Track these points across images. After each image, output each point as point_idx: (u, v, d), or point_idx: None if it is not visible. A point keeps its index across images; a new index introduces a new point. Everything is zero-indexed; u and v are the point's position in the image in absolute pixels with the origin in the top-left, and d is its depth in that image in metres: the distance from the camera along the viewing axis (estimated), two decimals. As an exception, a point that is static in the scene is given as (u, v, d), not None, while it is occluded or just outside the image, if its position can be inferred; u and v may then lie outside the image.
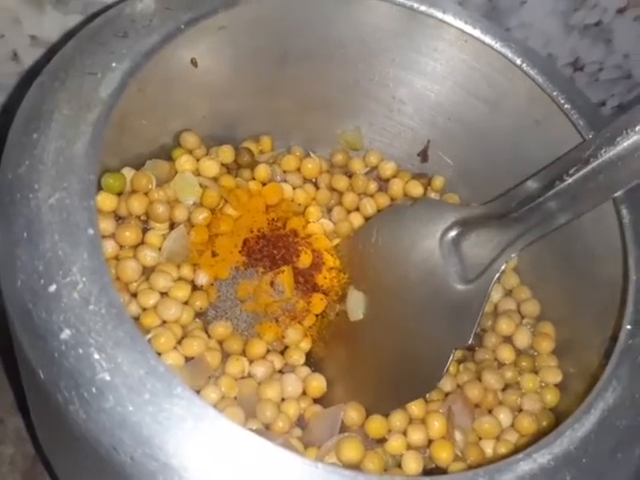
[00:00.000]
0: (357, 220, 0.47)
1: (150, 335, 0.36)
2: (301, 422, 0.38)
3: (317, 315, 0.43)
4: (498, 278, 0.36)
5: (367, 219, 0.47)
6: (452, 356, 0.36)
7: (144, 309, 0.38)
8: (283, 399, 0.39)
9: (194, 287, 0.40)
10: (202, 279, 0.41)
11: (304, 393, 0.39)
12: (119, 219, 0.40)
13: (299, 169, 0.47)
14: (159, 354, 0.36)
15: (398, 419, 0.38)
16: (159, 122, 0.41)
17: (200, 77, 0.40)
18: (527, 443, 0.38)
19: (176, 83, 0.39)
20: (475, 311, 0.36)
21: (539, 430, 0.39)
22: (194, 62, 0.39)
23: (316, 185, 0.48)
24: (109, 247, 0.38)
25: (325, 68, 0.44)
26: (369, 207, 0.47)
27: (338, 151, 0.49)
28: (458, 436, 0.38)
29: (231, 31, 0.38)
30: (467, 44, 0.41)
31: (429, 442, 0.38)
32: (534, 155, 0.40)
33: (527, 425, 0.38)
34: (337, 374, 0.41)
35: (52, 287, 0.26)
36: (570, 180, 0.33)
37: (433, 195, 0.48)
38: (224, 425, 0.25)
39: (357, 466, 0.35)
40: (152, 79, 0.36)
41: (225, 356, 0.39)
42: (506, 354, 0.42)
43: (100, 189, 0.38)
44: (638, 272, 0.34)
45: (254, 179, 0.45)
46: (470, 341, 0.36)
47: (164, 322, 0.38)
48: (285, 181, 0.46)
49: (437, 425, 0.38)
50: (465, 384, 0.40)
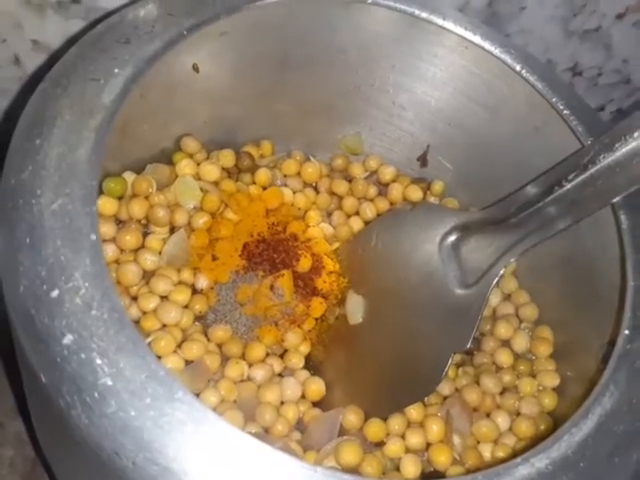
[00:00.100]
0: (357, 224, 0.47)
1: (150, 339, 0.37)
2: (300, 425, 0.38)
3: (316, 319, 0.43)
4: (497, 283, 0.37)
5: (367, 223, 0.47)
6: (451, 360, 0.37)
7: (144, 313, 0.38)
8: (282, 402, 0.39)
9: (194, 291, 0.40)
10: (202, 283, 0.41)
11: (303, 396, 0.39)
12: (120, 223, 0.40)
13: (299, 173, 0.47)
14: (159, 357, 0.36)
15: (397, 423, 0.38)
16: (160, 127, 0.41)
17: (201, 82, 0.40)
18: (525, 447, 0.38)
19: (177, 88, 0.39)
20: (474, 315, 0.36)
21: (537, 434, 0.39)
22: (195, 67, 0.39)
23: (316, 189, 0.48)
24: (109, 251, 0.38)
25: (326, 73, 0.44)
26: (369, 211, 0.47)
27: (338, 155, 0.49)
28: (456, 440, 0.38)
29: (232, 37, 0.38)
30: (467, 50, 0.41)
31: (427, 446, 0.38)
32: (533, 160, 0.40)
33: (525, 429, 0.38)
34: (336, 378, 0.41)
35: (54, 292, 0.26)
36: (569, 186, 0.33)
37: (432, 200, 0.48)
38: (225, 429, 0.25)
39: (356, 469, 0.35)
40: (154, 85, 0.36)
41: (224, 359, 0.39)
42: (504, 358, 0.42)
43: (101, 193, 0.38)
44: (636, 277, 0.34)
45: (254, 183, 0.45)
46: (469, 345, 0.36)
47: (164, 326, 0.38)
48: (285, 185, 0.47)
49: (435, 429, 0.38)
50: (463, 388, 0.40)
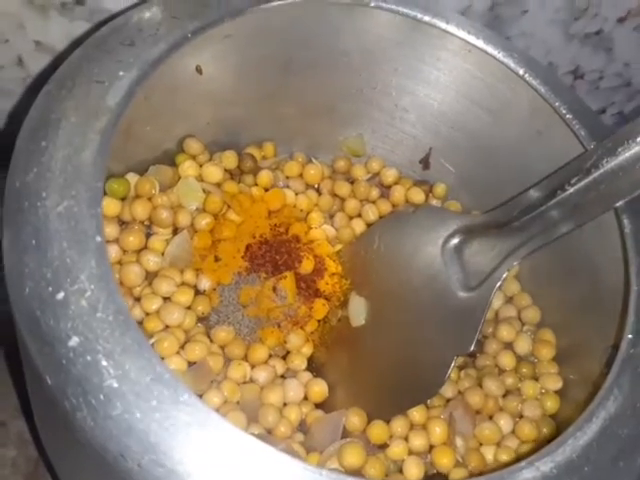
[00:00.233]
0: (359, 226, 0.47)
1: (153, 340, 0.37)
2: (303, 427, 0.38)
3: (319, 320, 0.43)
4: (500, 286, 0.37)
5: (369, 225, 0.47)
6: (454, 363, 0.37)
7: (147, 314, 0.38)
8: (285, 404, 0.39)
9: (197, 292, 0.40)
10: (205, 284, 0.41)
11: (306, 398, 0.39)
12: (123, 224, 0.40)
13: (301, 175, 0.47)
14: (162, 359, 0.36)
15: (399, 425, 0.38)
16: (163, 128, 0.41)
17: (205, 84, 0.40)
18: (527, 450, 0.38)
19: (181, 90, 0.39)
20: (477, 318, 0.36)
21: (539, 437, 0.39)
22: (199, 69, 0.39)
23: (318, 191, 0.48)
24: (113, 252, 0.38)
25: (329, 76, 0.44)
26: (371, 213, 0.47)
27: (340, 157, 0.49)
28: (459, 442, 0.38)
29: (236, 39, 0.38)
30: (470, 54, 0.41)
31: (430, 448, 0.38)
32: (536, 164, 0.40)
33: (527, 432, 0.38)
34: (339, 379, 0.41)
35: (60, 294, 0.26)
36: (572, 190, 0.33)
37: (434, 202, 0.48)
38: (230, 432, 0.25)
39: (359, 471, 0.35)
40: (158, 87, 0.36)
41: (227, 361, 0.39)
42: (507, 361, 0.42)
43: (104, 194, 0.38)
44: (639, 281, 0.34)
45: (257, 185, 0.45)
46: (472, 348, 0.36)
47: (167, 327, 0.38)
48: (287, 187, 0.47)
49: (438, 431, 0.38)
50: (466, 390, 0.40)
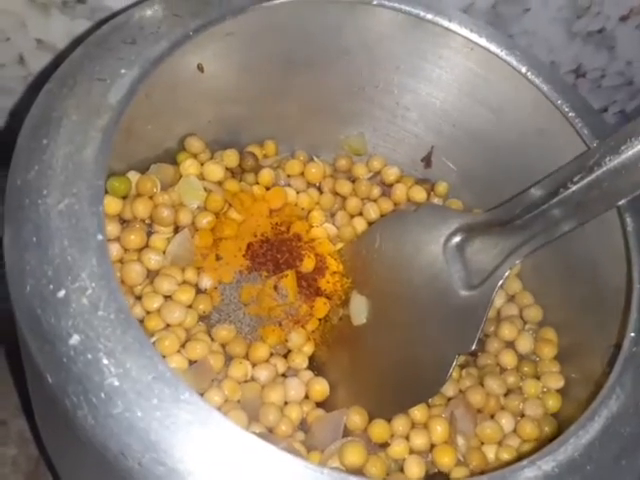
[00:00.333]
0: (360, 225, 0.47)
1: (154, 338, 0.37)
2: (304, 426, 0.38)
3: (320, 319, 0.43)
4: (502, 284, 0.36)
5: (370, 224, 0.47)
6: (455, 361, 0.36)
7: (148, 312, 0.38)
8: (286, 403, 0.39)
9: (198, 291, 0.40)
10: (206, 283, 0.41)
11: (307, 397, 0.39)
12: (124, 222, 0.40)
13: (303, 173, 0.47)
14: (163, 357, 0.36)
15: (401, 424, 0.38)
16: (164, 127, 0.41)
17: (206, 82, 0.40)
18: (529, 449, 0.38)
19: (182, 88, 0.39)
20: (479, 317, 0.36)
21: (541, 436, 0.39)
22: (200, 67, 0.39)
23: (320, 190, 0.48)
24: (114, 250, 0.38)
25: (330, 74, 0.44)
26: (372, 212, 0.47)
27: (342, 156, 0.49)
28: (460, 441, 0.38)
29: (238, 37, 0.38)
30: (472, 52, 0.41)
31: (431, 447, 0.38)
32: (538, 162, 0.40)
33: (529, 430, 0.38)
34: (340, 378, 0.41)
35: (61, 292, 0.26)
36: (574, 188, 0.33)
37: (436, 201, 0.48)
38: (231, 430, 0.25)
39: (360, 470, 0.35)
40: (159, 85, 0.36)
41: (228, 359, 0.39)
42: (508, 359, 0.42)
43: (105, 192, 0.38)
44: (642, 280, 0.34)
45: (258, 183, 0.45)
46: (473, 347, 0.36)
47: (168, 325, 0.38)
48: (289, 185, 0.47)
49: (439, 430, 0.38)
50: (467, 389, 0.40)
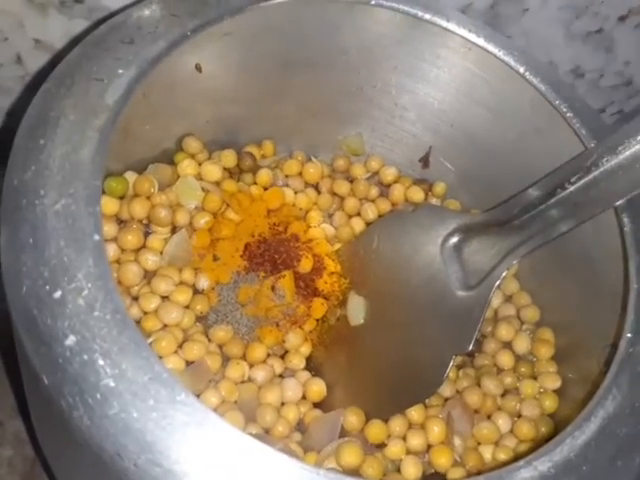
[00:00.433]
0: (358, 225, 0.46)
1: (151, 339, 0.37)
2: (301, 426, 0.38)
3: (318, 320, 0.43)
4: (499, 285, 0.36)
5: (368, 224, 0.46)
6: (452, 362, 0.36)
7: (145, 313, 0.38)
8: (283, 403, 0.39)
9: (195, 291, 0.40)
10: (203, 283, 0.41)
11: (304, 397, 0.39)
12: (121, 223, 0.40)
13: (301, 174, 0.47)
14: (160, 358, 0.36)
15: (397, 424, 0.38)
16: (162, 127, 0.41)
17: (204, 82, 0.40)
18: (526, 449, 0.38)
19: (180, 88, 0.39)
20: (476, 317, 0.36)
21: (538, 436, 0.39)
22: (198, 67, 0.39)
23: (317, 190, 0.48)
24: (111, 251, 0.38)
25: (328, 74, 0.44)
26: (370, 212, 0.47)
27: (339, 156, 0.49)
28: (457, 441, 0.38)
29: (236, 37, 0.38)
30: (470, 52, 0.41)
31: (428, 447, 0.38)
32: (536, 162, 0.40)
33: (526, 431, 0.38)
34: (337, 379, 0.41)
35: (57, 293, 0.26)
36: (572, 188, 0.33)
37: (434, 201, 0.48)
38: (227, 431, 0.25)
39: (356, 471, 0.35)
40: (157, 85, 0.36)
41: (225, 360, 0.39)
42: (505, 360, 0.42)
43: (102, 193, 0.38)
44: (639, 280, 0.34)
45: (256, 183, 0.45)
46: (471, 347, 0.36)
47: (165, 326, 0.38)
48: (287, 186, 0.46)
49: (436, 430, 0.38)
50: (464, 390, 0.40)
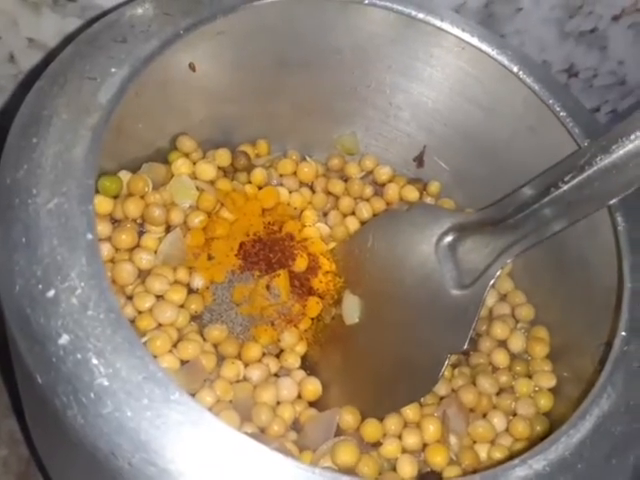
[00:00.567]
0: (353, 224, 0.46)
1: (146, 338, 0.36)
2: (296, 425, 0.38)
3: (313, 319, 0.43)
4: (493, 283, 0.36)
5: (363, 223, 0.46)
6: (447, 361, 0.36)
7: (140, 312, 0.38)
8: (278, 403, 0.38)
9: (190, 290, 0.40)
10: (198, 282, 0.41)
11: (299, 396, 0.39)
12: (115, 222, 0.40)
13: (295, 173, 0.47)
14: (154, 357, 0.36)
15: (393, 423, 0.38)
16: (156, 126, 0.41)
17: (198, 81, 0.40)
18: (521, 448, 0.38)
19: (173, 87, 0.39)
20: (471, 316, 0.36)
21: (533, 435, 0.39)
22: (192, 66, 0.39)
23: (312, 189, 0.48)
24: (105, 250, 0.38)
25: (322, 74, 0.44)
26: (365, 211, 0.47)
27: (334, 155, 0.49)
28: (453, 440, 0.38)
29: (229, 36, 0.38)
30: (464, 51, 0.41)
31: (424, 446, 0.38)
32: (530, 161, 0.40)
33: (521, 430, 0.38)
34: (332, 378, 0.41)
35: (50, 292, 0.26)
36: (565, 187, 0.33)
37: (429, 200, 0.48)
38: (222, 430, 0.25)
39: (352, 470, 0.35)
40: (150, 83, 0.36)
41: (220, 359, 0.39)
42: (500, 358, 0.42)
43: (96, 192, 0.38)
44: (633, 279, 0.34)
45: (250, 183, 0.45)
46: (465, 346, 0.36)
47: (159, 325, 0.38)
48: (281, 185, 0.46)
49: (432, 429, 0.38)
50: (460, 388, 0.40)
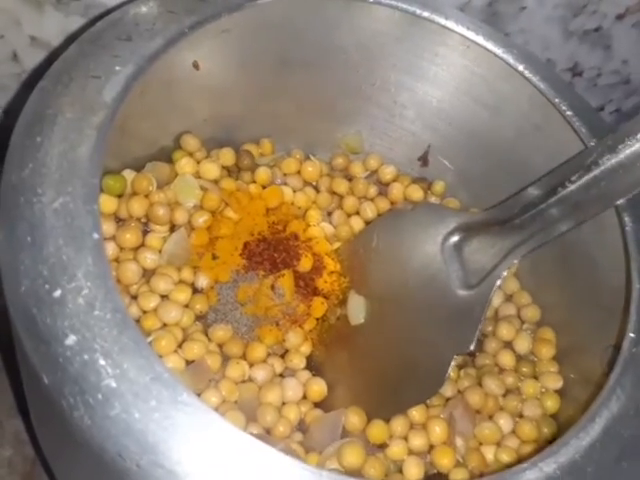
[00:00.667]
0: (357, 224, 0.46)
1: (150, 338, 0.36)
2: (302, 426, 0.38)
3: (318, 319, 0.43)
4: (499, 284, 0.36)
5: (367, 223, 0.46)
6: (453, 362, 0.36)
7: (144, 312, 0.38)
8: (283, 403, 0.38)
9: (194, 290, 0.40)
10: (202, 282, 0.41)
11: (304, 397, 0.39)
12: (119, 221, 0.40)
13: (299, 172, 0.47)
14: (159, 357, 0.35)
15: (399, 424, 0.38)
16: (160, 124, 0.41)
17: (202, 80, 0.40)
18: (528, 449, 0.38)
19: (178, 86, 0.39)
20: (477, 317, 0.36)
21: (540, 436, 0.38)
22: (196, 65, 0.39)
23: (316, 188, 0.48)
24: (109, 249, 0.38)
25: (327, 73, 0.44)
26: (369, 211, 0.47)
27: (338, 154, 0.49)
28: (459, 442, 0.38)
29: (234, 35, 0.38)
30: (469, 50, 0.41)
31: (430, 448, 0.38)
32: (535, 161, 0.40)
33: (528, 431, 0.38)
34: (338, 378, 0.40)
35: (57, 292, 0.26)
36: (572, 187, 0.33)
37: (433, 199, 0.48)
38: (230, 432, 0.25)
39: (358, 471, 0.35)
40: (154, 82, 0.35)
41: (225, 360, 0.39)
42: (506, 359, 0.42)
43: (100, 191, 0.38)
44: (641, 280, 0.34)
45: (254, 182, 0.45)
46: (472, 347, 0.36)
47: (164, 325, 0.38)
48: (285, 184, 0.46)
49: (438, 430, 0.38)
50: (466, 389, 0.40)
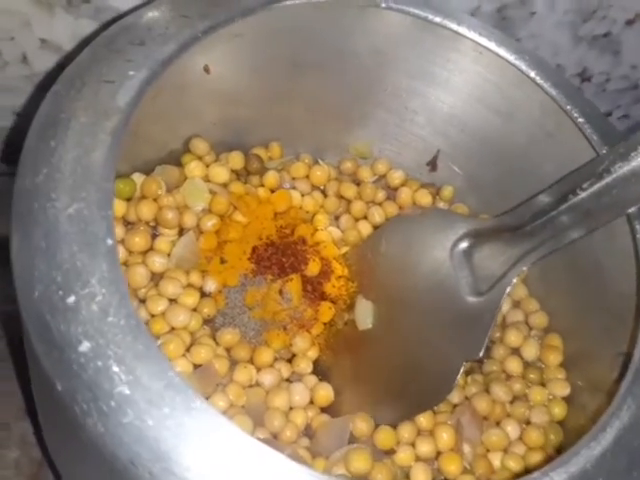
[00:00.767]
0: (365, 228, 0.46)
1: (159, 342, 0.36)
2: (308, 431, 0.38)
3: (325, 324, 0.42)
4: (509, 291, 0.36)
5: (375, 227, 0.46)
6: (462, 368, 0.36)
7: (153, 315, 0.38)
8: (291, 408, 0.38)
9: (202, 294, 0.40)
10: (210, 286, 0.40)
11: (311, 402, 0.39)
12: (128, 224, 0.40)
13: (308, 176, 0.47)
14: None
15: (407, 431, 0.38)
16: (170, 128, 0.41)
17: (212, 84, 0.40)
18: (535, 456, 0.38)
19: (189, 90, 0.39)
20: (486, 324, 0.36)
21: (547, 443, 0.38)
22: (207, 69, 0.39)
23: (324, 193, 0.47)
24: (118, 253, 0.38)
25: (338, 77, 0.44)
26: (377, 215, 0.47)
27: (347, 159, 0.48)
28: (466, 448, 0.38)
29: (247, 39, 0.38)
30: (481, 56, 0.41)
31: (437, 454, 0.38)
32: (546, 168, 0.40)
33: (535, 438, 0.38)
34: (345, 383, 0.40)
35: (71, 298, 0.26)
36: (583, 194, 0.33)
37: (442, 205, 0.48)
38: (240, 438, 0.25)
39: (365, 477, 0.35)
40: (167, 86, 0.35)
41: (233, 364, 0.38)
42: (514, 366, 0.42)
43: (111, 195, 0.38)
44: (651, 288, 0.34)
45: (263, 186, 0.45)
46: (481, 354, 0.36)
47: (172, 329, 0.38)
48: (294, 188, 0.46)
49: (445, 437, 0.38)
50: (473, 396, 0.40)
